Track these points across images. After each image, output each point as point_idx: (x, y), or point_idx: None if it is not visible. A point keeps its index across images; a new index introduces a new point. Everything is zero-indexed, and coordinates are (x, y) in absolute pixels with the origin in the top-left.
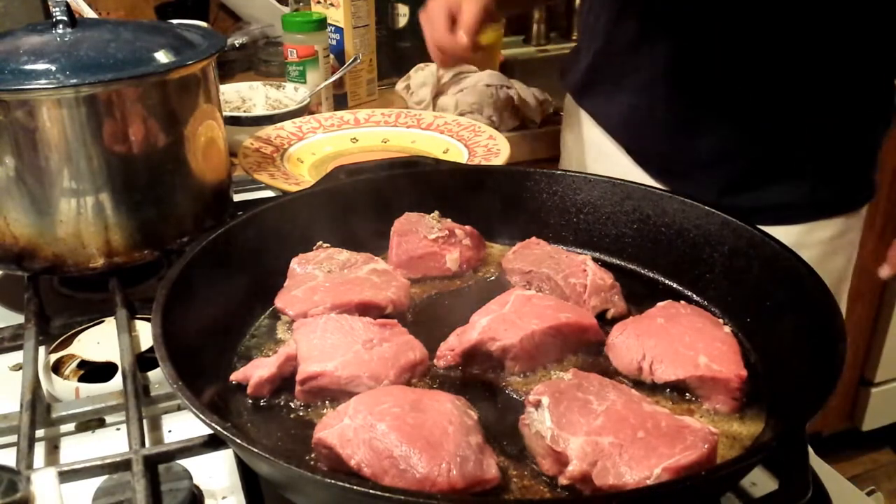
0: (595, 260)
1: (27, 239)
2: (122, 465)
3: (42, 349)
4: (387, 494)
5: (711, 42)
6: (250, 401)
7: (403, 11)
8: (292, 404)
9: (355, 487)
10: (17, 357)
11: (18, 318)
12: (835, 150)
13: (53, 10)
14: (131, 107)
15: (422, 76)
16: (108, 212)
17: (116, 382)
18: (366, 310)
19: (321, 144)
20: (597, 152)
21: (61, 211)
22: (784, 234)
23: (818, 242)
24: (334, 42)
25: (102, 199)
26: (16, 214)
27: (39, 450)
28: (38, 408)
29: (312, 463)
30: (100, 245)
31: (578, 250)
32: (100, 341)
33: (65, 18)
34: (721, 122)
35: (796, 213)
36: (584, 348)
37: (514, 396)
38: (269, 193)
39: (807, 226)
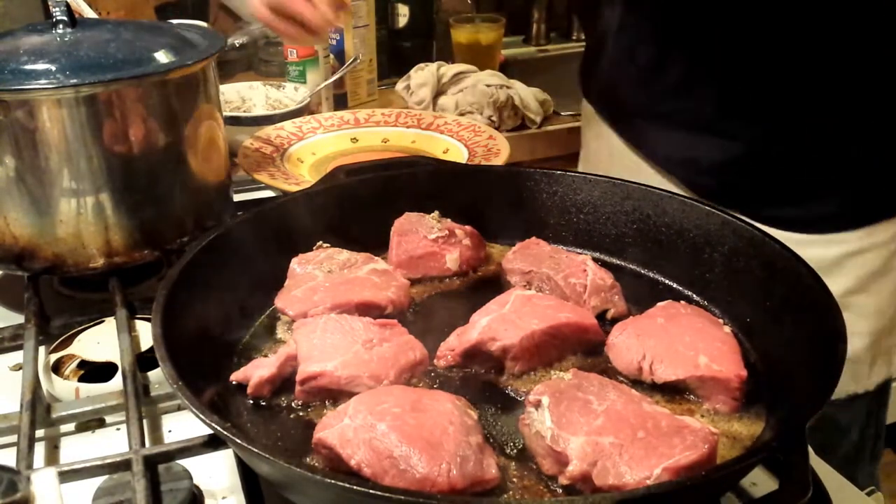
0: (595, 260)
1: (27, 239)
2: (122, 465)
3: (42, 349)
4: (387, 494)
5: (759, 76)
6: (250, 401)
7: (403, 11)
8: (292, 404)
9: (355, 487)
10: (17, 357)
11: (18, 318)
12: (882, 157)
13: (53, 10)
14: (131, 107)
15: (422, 76)
16: (108, 212)
17: (116, 382)
18: (366, 310)
19: (321, 144)
20: (626, 165)
21: (61, 211)
22: (842, 239)
23: (883, 243)
24: (334, 42)
25: (102, 198)
26: (16, 214)
27: (39, 450)
28: (38, 408)
29: (312, 463)
30: (100, 245)
31: (578, 250)
32: (100, 341)
33: (65, 18)
34: (777, 146)
35: (854, 218)
36: (585, 348)
37: (514, 396)
38: (269, 193)
39: (867, 229)
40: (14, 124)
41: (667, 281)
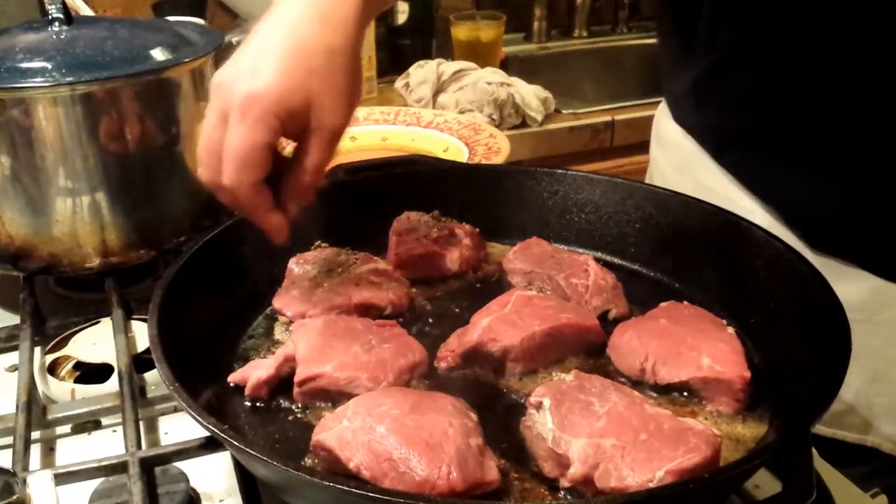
0: (597, 260)
1: (23, 238)
2: (119, 468)
3: (38, 350)
4: (386, 497)
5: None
6: (248, 402)
7: (403, 8)
8: (290, 406)
9: (354, 490)
10: (12, 358)
11: (14, 319)
12: None
13: (49, 7)
14: (127, 105)
15: (421, 74)
16: (104, 211)
17: (112, 384)
18: (365, 310)
19: None
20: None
21: (57, 210)
22: None
23: None
24: None
25: (98, 198)
26: (11, 214)
27: (35, 452)
28: (34, 409)
29: (311, 465)
30: (96, 245)
31: (580, 250)
32: (96, 342)
33: (60, 16)
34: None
35: None
36: (586, 349)
37: (515, 398)
38: None
39: None
40: (9, 123)
41: (669, 281)
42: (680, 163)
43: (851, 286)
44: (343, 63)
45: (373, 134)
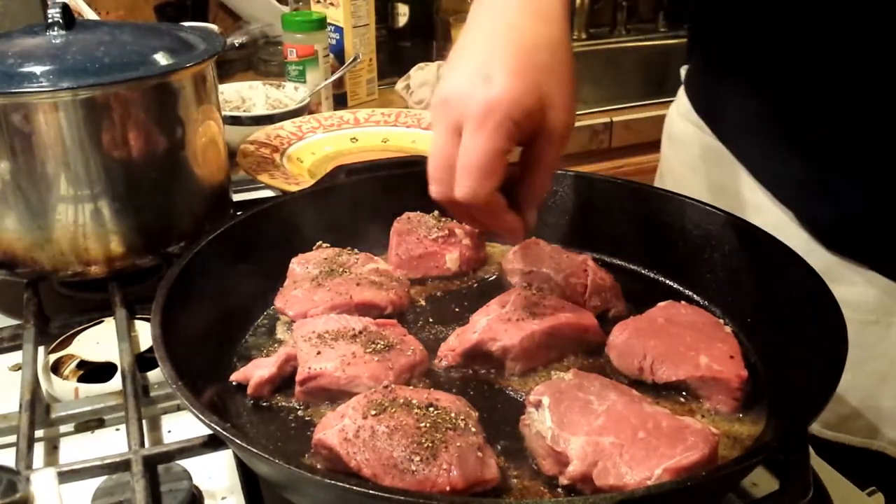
0: (595, 260)
1: (24, 245)
2: (122, 466)
3: (41, 349)
4: (387, 495)
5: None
6: (250, 401)
7: (403, 11)
8: (292, 404)
9: (355, 488)
10: (16, 357)
11: (18, 319)
12: None
13: (50, 11)
14: (129, 109)
15: (422, 76)
16: (106, 216)
17: (116, 383)
18: (366, 310)
19: (321, 144)
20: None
21: (59, 216)
22: None
23: None
24: (334, 41)
25: (100, 203)
26: (12, 220)
27: (39, 450)
28: (38, 408)
29: (312, 464)
30: (99, 250)
31: (578, 250)
32: (99, 341)
33: (60, 21)
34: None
35: None
36: (585, 348)
37: (515, 396)
38: (268, 193)
39: None
40: (10, 128)
41: (667, 281)
42: (691, 160)
43: (864, 287)
44: (566, 57)
45: (374, 135)
